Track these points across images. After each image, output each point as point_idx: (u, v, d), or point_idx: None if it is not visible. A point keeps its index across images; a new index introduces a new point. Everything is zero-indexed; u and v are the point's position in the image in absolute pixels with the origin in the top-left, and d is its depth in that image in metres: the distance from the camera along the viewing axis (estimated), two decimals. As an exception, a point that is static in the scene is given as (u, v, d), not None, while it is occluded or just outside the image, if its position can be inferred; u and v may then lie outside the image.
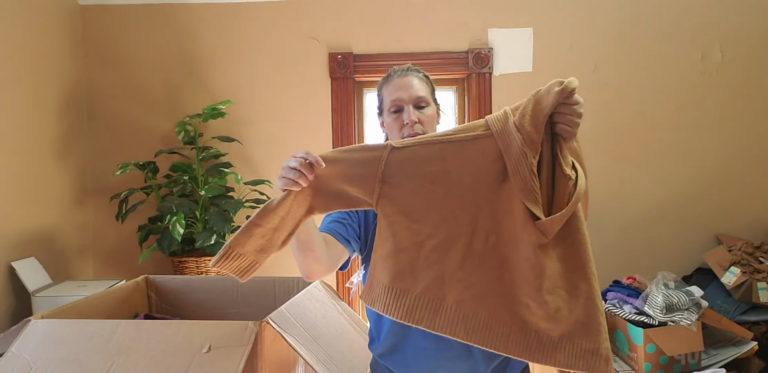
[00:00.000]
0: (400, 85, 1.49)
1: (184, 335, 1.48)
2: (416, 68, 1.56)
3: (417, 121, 1.47)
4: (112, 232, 3.16)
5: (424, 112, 1.49)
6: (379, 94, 1.57)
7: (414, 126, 1.46)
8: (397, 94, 1.48)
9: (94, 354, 1.45)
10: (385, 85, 1.54)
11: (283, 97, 3.15)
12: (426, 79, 1.55)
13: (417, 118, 1.47)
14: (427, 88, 1.53)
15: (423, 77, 1.54)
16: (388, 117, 1.51)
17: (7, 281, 2.53)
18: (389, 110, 1.50)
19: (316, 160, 1.16)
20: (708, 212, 3.08)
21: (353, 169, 1.18)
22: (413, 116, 1.46)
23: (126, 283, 2.14)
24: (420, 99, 1.49)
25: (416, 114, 1.48)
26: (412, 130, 1.46)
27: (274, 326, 1.49)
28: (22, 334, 1.51)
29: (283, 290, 2.17)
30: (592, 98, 3.05)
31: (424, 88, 1.52)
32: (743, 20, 3.03)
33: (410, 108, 1.47)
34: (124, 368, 1.41)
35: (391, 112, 1.50)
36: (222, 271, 1.22)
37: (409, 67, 1.55)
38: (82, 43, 3.17)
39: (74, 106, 3.09)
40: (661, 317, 2.45)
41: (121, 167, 2.84)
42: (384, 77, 1.56)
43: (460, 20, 3.09)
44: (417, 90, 1.49)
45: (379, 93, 1.58)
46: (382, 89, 1.55)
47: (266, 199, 2.97)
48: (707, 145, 3.07)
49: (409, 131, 1.47)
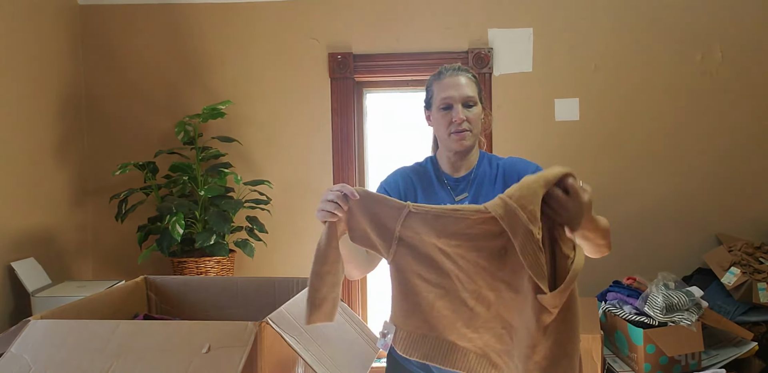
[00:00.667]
0: (451, 84, 1.57)
1: (184, 335, 1.47)
2: (465, 68, 1.63)
3: (465, 119, 1.55)
4: (112, 232, 3.16)
5: (472, 110, 1.57)
6: (429, 89, 1.64)
7: (462, 124, 1.54)
8: (447, 92, 1.56)
9: (94, 354, 1.45)
10: (436, 82, 1.61)
11: (282, 98, 3.15)
12: (474, 79, 1.62)
13: (465, 116, 1.55)
14: (475, 87, 1.60)
15: (472, 77, 1.61)
16: (437, 113, 1.58)
17: (7, 282, 2.52)
18: (439, 107, 1.57)
19: (351, 192, 1.25)
20: (708, 212, 3.07)
21: (376, 220, 1.28)
22: (461, 114, 1.54)
23: (125, 283, 2.14)
24: (469, 98, 1.56)
25: (464, 112, 1.55)
26: (460, 127, 1.54)
27: (273, 326, 1.49)
28: (22, 334, 1.51)
29: (283, 290, 2.17)
30: (591, 98, 3.05)
31: (473, 87, 1.59)
32: (743, 21, 3.02)
33: (459, 106, 1.55)
34: (123, 369, 1.41)
35: (440, 109, 1.57)
36: (318, 322, 1.32)
37: (459, 66, 1.62)
38: (82, 43, 3.17)
39: (73, 105, 3.09)
40: (661, 318, 2.45)
41: (120, 167, 2.84)
42: (435, 74, 1.63)
43: (460, 20, 3.09)
44: (467, 89, 1.56)
45: (428, 88, 1.65)
46: (432, 85, 1.62)
47: (266, 199, 2.97)
48: (707, 145, 3.06)
49: (457, 128, 1.54)
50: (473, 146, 1.61)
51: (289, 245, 3.17)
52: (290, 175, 3.17)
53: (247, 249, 2.86)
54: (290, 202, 3.16)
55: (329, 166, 3.15)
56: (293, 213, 3.17)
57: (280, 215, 3.14)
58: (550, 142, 3.06)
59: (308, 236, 3.15)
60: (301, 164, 3.17)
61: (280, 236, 3.15)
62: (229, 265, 2.92)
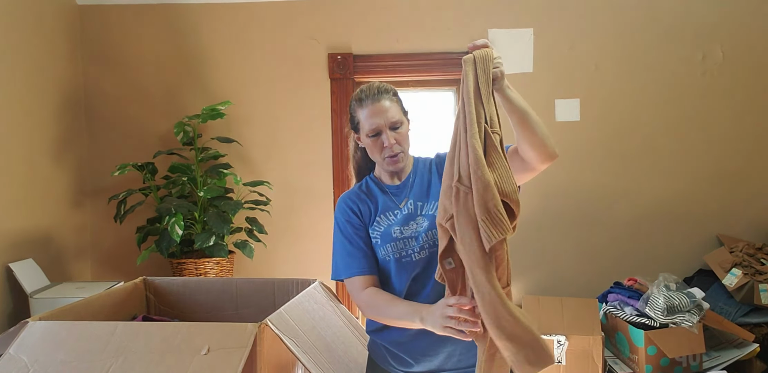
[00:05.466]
0: (375, 111, 1.59)
1: (183, 336, 1.47)
2: (385, 88, 1.64)
3: (395, 143, 1.60)
4: (111, 233, 3.15)
5: (400, 131, 1.62)
6: (354, 115, 1.66)
7: (393, 147, 1.59)
8: (373, 120, 1.59)
9: (92, 356, 1.44)
10: (359, 109, 1.63)
11: (282, 98, 3.14)
12: (396, 98, 1.65)
13: (394, 139, 1.60)
14: (398, 107, 1.64)
15: (393, 97, 1.64)
16: (366, 139, 1.62)
17: (5, 283, 2.52)
18: (368, 134, 1.61)
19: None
20: (709, 213, 3.07)
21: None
22: (392, 139, 1.59)
23: (124, 284, 2.13)
24: (395, 122, 1.60)
25: (393, 136, 1.60)
26: (392, 151, 1.60)
27: (272, 328, 1.48)
28: (20, 336, 1.50)
29: (282, 291, 2.16)
30: (592, 98, 3.05)
31: (396, 108, 1.63)
32: (744, 21, 3.02)
33: (387, 132, 1.59)
34: (122, 370, 1.40)
35: (369, 136, 1.61)
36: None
37: (378, 87, 1.63)
38: (80, 43, 3.16)
39: (72, 106, 3.08)
40: (662, 319, 2.44)
41: (119, 168, 2.83)
42: (356, 100, 1.65)
43: (460, 20, 3.08)
44: (391, 114, 1.60)
45: (352, 114, 1.67)
46: (356, 111, 1.64)
47: (265, 200, 2.96)
48: (708, 145, 3.06)
49: (390, 153, 1.60)
50: (407, 163, 1.67)
51: (289, 246, 3.16)
52: (290, 176, 3.16)
53: (246, 250, 2.86)
54: (290, 203, 3.15)
55: (329, 167, 3.15)
56: (293, 214, 3.16)
57: (279, 216, 3.13)
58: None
59: (308, 237, 3.15)
60: (300, 165, 3.16)
61: (280, 237, 3.15)
62: (229, 266, 2.91)
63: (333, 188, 3.15)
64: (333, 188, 3.15)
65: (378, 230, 1.61)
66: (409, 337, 1.59)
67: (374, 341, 1.71)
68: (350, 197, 1.69)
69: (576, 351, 2.54)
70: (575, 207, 3.09)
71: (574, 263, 3.12)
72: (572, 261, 3.12)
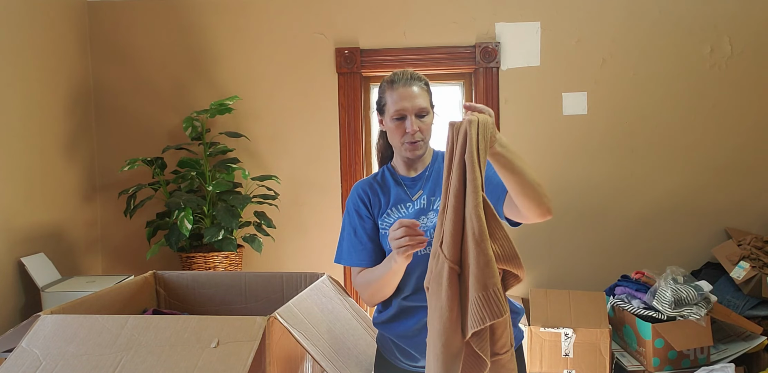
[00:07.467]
0: (404, 95, 1.59)
1: (193, 330, 1.48)
2: (418, 75, 1.65)
3: (418, 130, 1.59)
4: (121, 227, 3.18)
5: (425, 120, 1.61)
6: (382, 96, 1.66)
7: (415, 134, 1.59)
8: (401, 104, 1.59)
9: (104, 349, 1.45)
10: (389, 91, 1.63)
11: (290, 93, 3.15)
12: (426, 87, 1.65)
13: (418, 126, 1.59)
14: (427, 96, 1.64)
15: (424, 85, 1.64)
16: (390, 122, 1.62)
17: (17, 277, 2.54)
18: (393, 117, 1.61)
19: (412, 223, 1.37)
20: (717, 206, 3.06)
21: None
22: (415, 126, 1.58)
23: (134, 278, 2.15)
24: (422, 109, 1.60)
25: (417, 123, 1.59)
26: (413, 138, 1.59)
27: (281, 321, 1.49)
28: (32, 329, 1.52)
29: (291, 285, 2.17)
30: (600, 92, 3.04)
31: (425, 97, 1.63)
32: (752, 13, 3.00)
33: (412, 118, 1.59)
34: (132, 363, 1.41)
35: (394, 119, 1.61)
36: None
37: (412, 74, 1.64)
38: (89, 39, 3.18)
39: (82, 102, 3.10)
40: (669, 312, 2.44)
41: (128, 163, 2.85)
42: (388, 82, 1.65)
43: (467, 14, 3.07)
44: (420, 101, 1.60)
45: (381, 95, 1.67)
46: (385, 94, 1.65)
47: (274, 194, 2.98)
48: (716, 138, 3.05)
49: (410, 139, 1.59)
50: (425, 153, 1.66)
51: (297, 239, 3.18)
52: (298, 170, 3.17)
53: (255, 244, 2.87)
54: (298, 197, 3.17)
55: (337, 161, 3.16)
56: (301, 208, 3.17)
57: (287, 210, 3.15)
58: (558, 136, 3.05)
59: (316, 231, 3.16)
60: (308, 159, 3.17)
61: (288, 230, 3.16)
62: (238, 260, 2.93)
63: (341, 181, 3.16)
64: (341, 181, 3.16)
65: (388, 222, 1.62)
66: (415, 331, 1.59)
67: (382, 335, 1.72)
68: (363, 186, 1.70)
69: (583, 344, 2.55)
70: (582, 200, 3.09)
71: (582, 256, 3.12)
72: (580, 254, 3.12)
